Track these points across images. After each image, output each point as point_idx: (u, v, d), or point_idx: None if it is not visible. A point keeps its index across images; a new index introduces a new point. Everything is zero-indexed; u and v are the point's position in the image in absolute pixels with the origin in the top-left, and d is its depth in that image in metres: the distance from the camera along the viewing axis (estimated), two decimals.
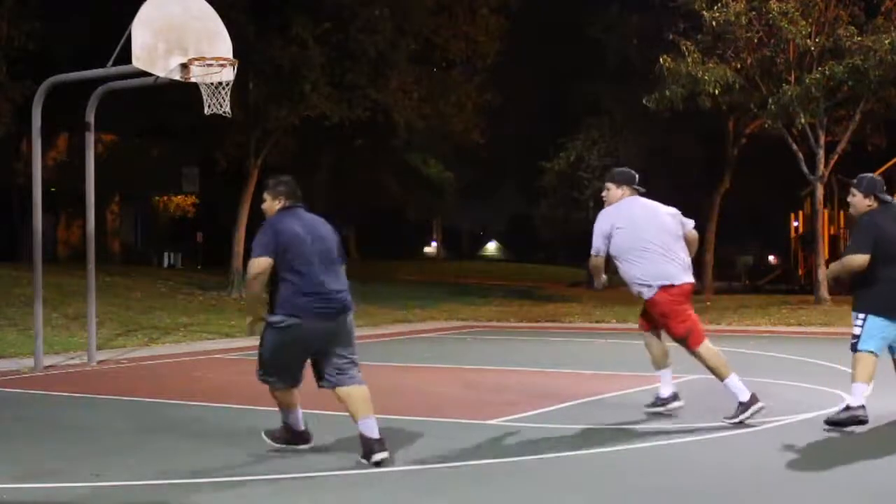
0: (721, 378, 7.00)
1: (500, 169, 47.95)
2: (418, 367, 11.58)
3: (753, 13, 21.66)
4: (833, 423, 6.67)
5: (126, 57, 10.67)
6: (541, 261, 55.77)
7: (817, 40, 21.79)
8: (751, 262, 49.56)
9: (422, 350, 13.92)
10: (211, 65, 11.02)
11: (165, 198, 36.75)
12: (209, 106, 11.29)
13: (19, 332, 14.43)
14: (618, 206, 7.35)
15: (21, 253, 26.69)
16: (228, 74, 11.21)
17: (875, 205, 6.77)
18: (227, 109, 11.34)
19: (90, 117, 12.11)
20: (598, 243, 7.31)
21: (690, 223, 7.38)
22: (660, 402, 7.60)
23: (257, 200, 26.08)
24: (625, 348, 13.55)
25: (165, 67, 10.90)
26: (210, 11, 11.47)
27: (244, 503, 5.32)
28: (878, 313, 6.63)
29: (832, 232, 31.61)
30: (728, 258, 45.07)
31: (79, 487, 5.55)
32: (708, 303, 23.38)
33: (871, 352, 6.65)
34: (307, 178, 34.55)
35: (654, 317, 7.26)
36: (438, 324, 18.93)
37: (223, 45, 11.37)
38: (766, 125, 23.37)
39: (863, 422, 6.60)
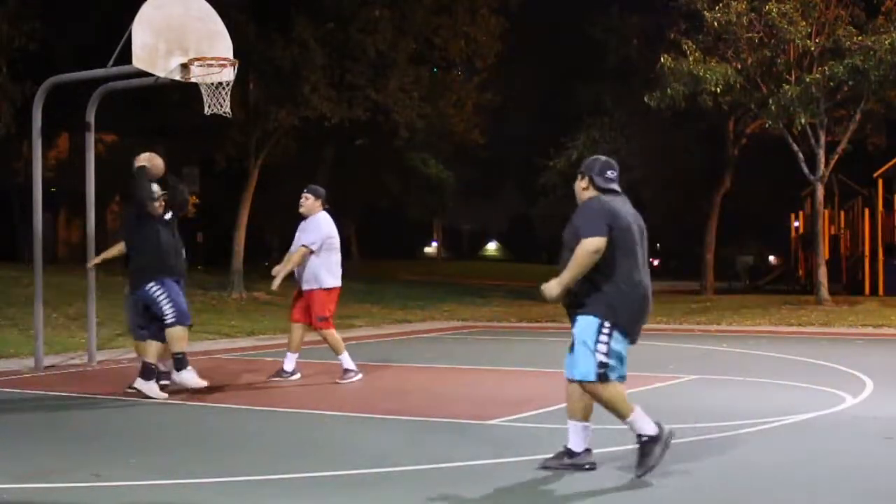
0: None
1: (500, 169, 47.98)
2: (418, 368, 11.58)
3: (754, 14, 21.66)
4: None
5: (126, 57, 10.67)
6: (541, 261, 55.77)
7: (817, 40, 21.79)
8: (751, 262, 49.55)
9: (422, 350, 13.91)
10: (211, 65, 11.01)
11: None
12: (209, 106, 11.29)
13: (19, 332, 14.43)
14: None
15: (21, 253, 26.70)
16: (228, 74, 11.20)
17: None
18: (228, 109, 11.34)
19: (90, 117, 12.11)
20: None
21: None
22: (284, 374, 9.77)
23: (257, 200, 26.12)
24: None
25: (166, 67, 10.89)
26: (210, 11, 11.46)
27: (244, 503, 5.32)
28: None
29: (832, 232, 31.61)
30: (728, 258, 45.09)
31: (79, 487, 5.55)
32: (708, 303, 23.39)
33: None
34: (307, 178, 34.56)
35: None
36: (438, 324, 18.93)
37: (223, 46, 11.37)
38: (767, 125, 23.38)
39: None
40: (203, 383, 9.00)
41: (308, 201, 9.76)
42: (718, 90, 21.38)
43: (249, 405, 8.49)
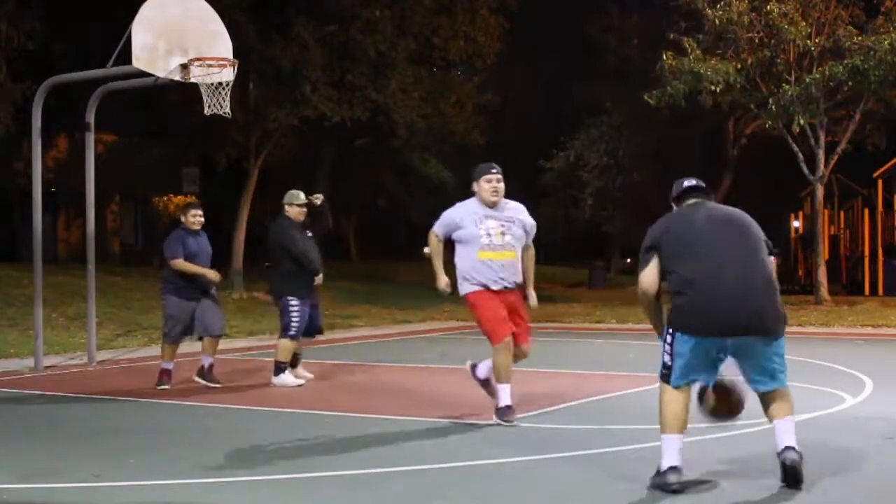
0: None
1: (500, 169, 47.94)
2: (418, 368, 11.58)
3: (754, 13, 21.66)
4: None
5: (126, 57, 10.67)
6: (541, 261, 55.71)
7: (817, 40, 21.79)
8: None
9: (421, 350, 13.91)
10: (211, 65, 11.02)
11: (165, 198, 36.73)
12: (209, 106, 11.29)
13: (19, 332, 14.43)
14: None
15: (21, 253, 26.67)
16: (228, 75, 11.21)
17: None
18: (227, 110, 11.35)
19: (90, 117, 12.11)
20: None
21: None
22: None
23: (257, 201, 26.07)
24: (625, 348, 13.55)
25: (165, 68, 10.90)
26: (210, 12, 11.47)
27: (244, 503, 5.32)
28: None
29: (832, 232, 31.60)
30: None
31: (79, 487, 5.56)
32: None
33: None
34: (307, 178, 34.57)
35: None
36: (438, 324, 18.93)
37: (223, 46, 11.37)
38: (767, 125, 23.39)
39: None
40: (299, 381, 9.55)
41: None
42: (719, 89, 21.37)
43: (249, 405, 8.50)
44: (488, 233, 7.33)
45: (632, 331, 16.92)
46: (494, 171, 7.45)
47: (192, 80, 11.07)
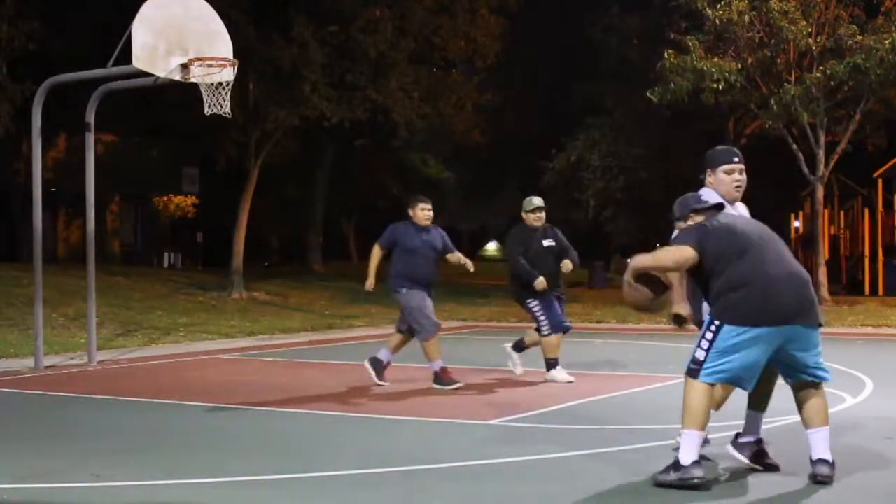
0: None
1: (500, 169, 47.95)
2: (418, 368, 11.57)
3: (754, 13, 21.65)
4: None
5: (126, 57, 10.67)
6: None
7: (818, 40, 21.78)
8: None
9: (421, 350, 13.88)
10: (211, 65, 11.02)
11: (165, 198, 36.76)
12: (209, 106, 11.29)
13: (19, 332, 14.43)
14: None
15: (21, 253, 26.69)
16: (228, 75, 11.21)
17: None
18: (227, 110, 11.35)
19: (90, 117, 12.11)
20: None
21: None
22: None
23: (257, 200, 26.00)
24: (624, 348, 13.55)
25: (165, 68, 10.90)
26: (210, 12, 11.47)
27: (244, 503, 5.32)
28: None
29: (832, 232, 31.59)
30: None
31: (79, 487, 5.55)
32: None
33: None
34: (307, 178, 34.61)
35: None
36: None
37: (223, 46, 11.37)
38: (767, 125, 23.38)
39: None
40: (570, 378, 9.59)
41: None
42: (720, 87, 21.36)
43: (249, 405, 8.49)
44: None
45: (632, 331, 16.93)
46: None
47: (192, 79, 11.07)
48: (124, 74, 11.21)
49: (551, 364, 9.67)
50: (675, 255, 5.52)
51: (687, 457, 5.28)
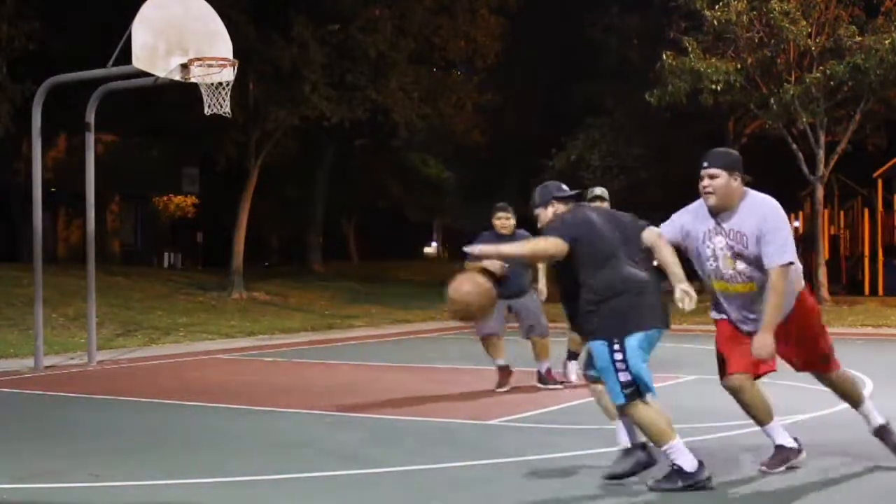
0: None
1: (500, 169, 47.98)
2: (418, 368, 11.57)
3: (754, 13, 21.64)
4: None
5: (126, 57, 10.68)
6: None
7: (818, 40, 21.78)
8: None
9: (422, 350, 13.91)
10: (211, 65, 11.03)
11: (165, 198, 36.76)
12: (209, 106, 11.30)
13: (19, 332, 14.43)
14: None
15: (21, 253, 26.68)
16: (228, 75, 11.22)
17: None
18: (227, 110, 11.36)
19: (90, 117, 12.11)
20: None
21: None
22: None
23: (257, 200, 25.96)
24: None
25: (165, 68, 10.90)
26: (210, 12, 11.47)
27: (244, 503, 5.32)
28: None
29: (832, 232, 31.59)
30: None
31: (79, 487, 5.56)
32: (708, 303, 23.33)
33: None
34: (307, 178, 34.59)
35: None
36: (439, 324, 18.92)
37: (223, 46, 11.38)
38: (767, 125, 23.36)
39: None
40: (572, 379, 9.51)
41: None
42: (719, 88, 21.35)
43: (249, 405, 8.49)
44: None
45: None
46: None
47: (192, 79, 11.08)
48: (124, 74, 11.22)
49: (572, 356, 9.72)
50: (552, 247, 5.56)
51: (688, 463, 5.27)
